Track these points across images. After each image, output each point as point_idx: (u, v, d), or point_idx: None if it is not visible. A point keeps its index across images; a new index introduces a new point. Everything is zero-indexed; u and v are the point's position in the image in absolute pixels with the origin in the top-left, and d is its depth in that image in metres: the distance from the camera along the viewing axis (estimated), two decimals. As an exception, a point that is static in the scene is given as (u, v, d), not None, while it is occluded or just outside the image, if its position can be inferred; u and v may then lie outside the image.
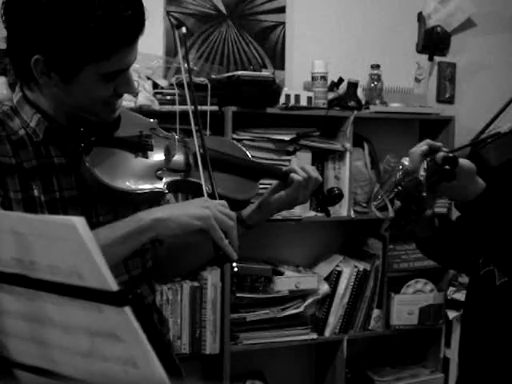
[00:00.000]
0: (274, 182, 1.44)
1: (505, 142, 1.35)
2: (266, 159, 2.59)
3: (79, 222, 0.70)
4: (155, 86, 2.54)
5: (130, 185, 1.21)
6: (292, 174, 1.39)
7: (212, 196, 1.25)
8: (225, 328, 2.61)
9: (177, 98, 2.44)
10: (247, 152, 1.47)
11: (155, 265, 1.41)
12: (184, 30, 1.39)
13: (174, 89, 2.47)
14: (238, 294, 2.66)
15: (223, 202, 1.21)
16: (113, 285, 0.72)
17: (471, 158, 1.32)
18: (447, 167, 1.21)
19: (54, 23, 1.08)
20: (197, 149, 1.30)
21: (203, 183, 1.26)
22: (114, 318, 0.73)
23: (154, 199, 1.32)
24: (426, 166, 1.23)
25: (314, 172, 1.40)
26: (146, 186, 1.23)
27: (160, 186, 1.24)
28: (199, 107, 1.43)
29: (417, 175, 1.25)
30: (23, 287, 0.79)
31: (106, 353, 0.78)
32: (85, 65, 1.12)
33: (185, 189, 1.36)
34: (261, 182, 1.44)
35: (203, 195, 1.26)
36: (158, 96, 2.48)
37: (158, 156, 1.29)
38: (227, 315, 2.61)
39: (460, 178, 1.24)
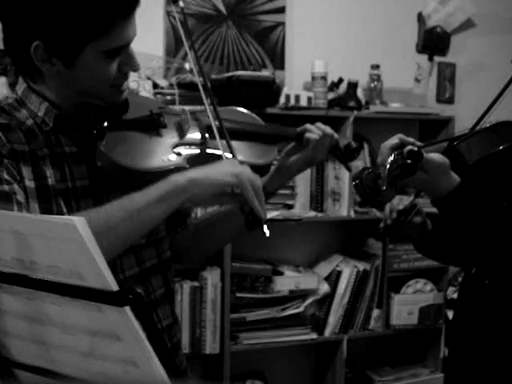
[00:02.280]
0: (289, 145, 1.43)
1: (481, 138, 1.34)
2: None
3: (79, 222, 0.70)
4: (155, 86, 2.54)
5: (151, 164, 1.21)
6: (307, 134, 1.38)
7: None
8: (225, 328, 2.61)
9: (177, 98, 2.45)
10: (258, 118, 1.45)
11: (174, 253, 1.40)
12: (181, 3, 1.38)
13: (174, 89, 2.48)
14: (237, 294, 2.67)
15: (250, 170, 1.20)
16: (113, 285, 0.72)
17: (448, 153, 1.31)
18: (409, 161, 1.20)
19: (48, 4, 1.07)
20: (211, 120, 1.28)
21: (222, 152, 1.25)
22: (114, 317, 0.73)
23: None
24: (392, 159, 1.22)
25: (328, 129, 1.39)
26: (168, 163, 1.22)
27: (181, 161, 1.24)
28: (199, 107, 1.43)
29: (382, 169, 1.24)
30: (23, 287, 0.79)
31: (106, 352, 0.78)
32: (85, 44, 1.11)
33: (206, 161, 1.32)
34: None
35: None
36: (158, 96, 2.48)
37: (172, 132, 1.28)
38: (227, 315, 2.61)
39: (430, 172, 1.23)
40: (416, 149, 1.21)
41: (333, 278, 2.88)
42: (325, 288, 2.84)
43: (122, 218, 1.09)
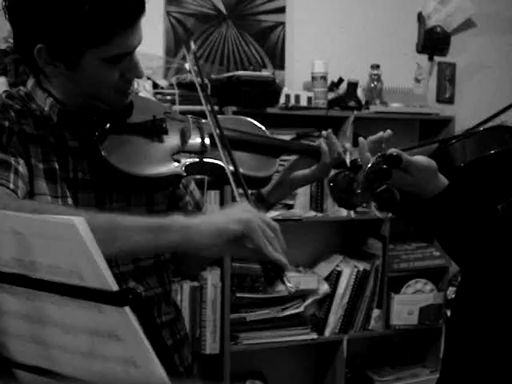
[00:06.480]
0: (293, 157, 1.43)
1: (474, 141, 1.33)
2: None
3: (79, 222, 0.70)
4: (155, 86, 2.54)
5: (148, 170, 1.21)
6: (324, 157, 1.39)
7: (235, 175, 1.23)
8: (225, 328, 2.61)
9: (177, 97, 2.45)
10: (265, 129, 1.45)
11: (175, 256, 1.38)
12: (193, 45, 1.39)
13: (174, 89, 2.48)
14: (238, 294, 2.67)
15: (265, 215, 1.08)
16: (113, 285, 0.72)
17: (438, 154, 1.30)
18: (384, 166, 1.17)
19: (51, 9, 1.08)
20: (213, 129, 1.28)
21: (224, 163, 1.25)
22: (114, 317, 0.73)
23: (172, 183, 1.32)
24: (373, 161, 1.20)
25: (342, 153, 1.41)
26: (164, 170, 1.23)
27: (178, 168, 1.24)
28: (199, 107, 1.43)
29: (360, 171, 1.22)
30: (23, 287, 0.79)
31: (105, 352, 0.78)
32: (85, 50, 1.11)
33: (203, 170, 1.35)
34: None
35: (223, 175, 1.25)
36: (158, 96, 2.48)
37: (173, 139, 1.29)
38: (227, 315, 2.61)
39: (415, 174, 1.22)
40: (395, 153, 1.19)
41: (333, 278, 2.88)
42: (325, 288, 2.84)
43: (106, 228, 0.97)
